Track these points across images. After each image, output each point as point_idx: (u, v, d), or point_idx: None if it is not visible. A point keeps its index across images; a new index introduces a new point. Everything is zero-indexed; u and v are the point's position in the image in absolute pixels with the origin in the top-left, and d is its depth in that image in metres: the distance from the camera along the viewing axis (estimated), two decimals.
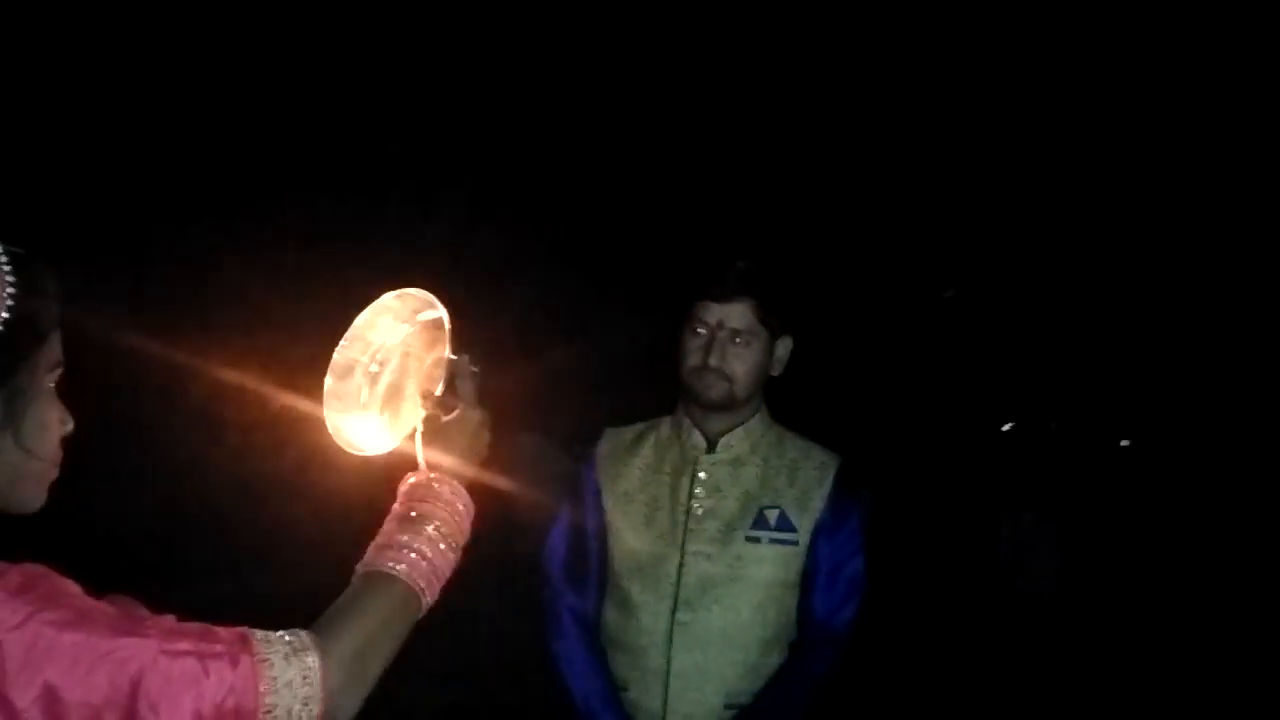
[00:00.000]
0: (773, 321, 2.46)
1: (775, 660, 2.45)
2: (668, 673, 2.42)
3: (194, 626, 1.26)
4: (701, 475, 2.50)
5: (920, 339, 7.15)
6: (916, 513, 5.77)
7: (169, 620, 1.26)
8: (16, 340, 1.20)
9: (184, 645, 1.22)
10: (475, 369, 1.63)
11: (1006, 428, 8.02)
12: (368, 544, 1.48)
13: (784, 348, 2.52)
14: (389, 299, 1.67)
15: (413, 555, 1.44)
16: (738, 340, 2.43)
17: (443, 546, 1.47)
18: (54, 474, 1.32)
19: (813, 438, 2.60)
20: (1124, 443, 8.17)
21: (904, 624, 4.94)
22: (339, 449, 1.65)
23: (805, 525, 2.46)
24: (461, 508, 1.53)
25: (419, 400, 1.61)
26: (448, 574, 1.49)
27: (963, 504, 6.83)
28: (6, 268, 1.20)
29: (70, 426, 1.34)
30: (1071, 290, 7.49)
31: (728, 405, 2.47)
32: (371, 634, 1.36)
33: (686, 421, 2.53)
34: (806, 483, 2.50)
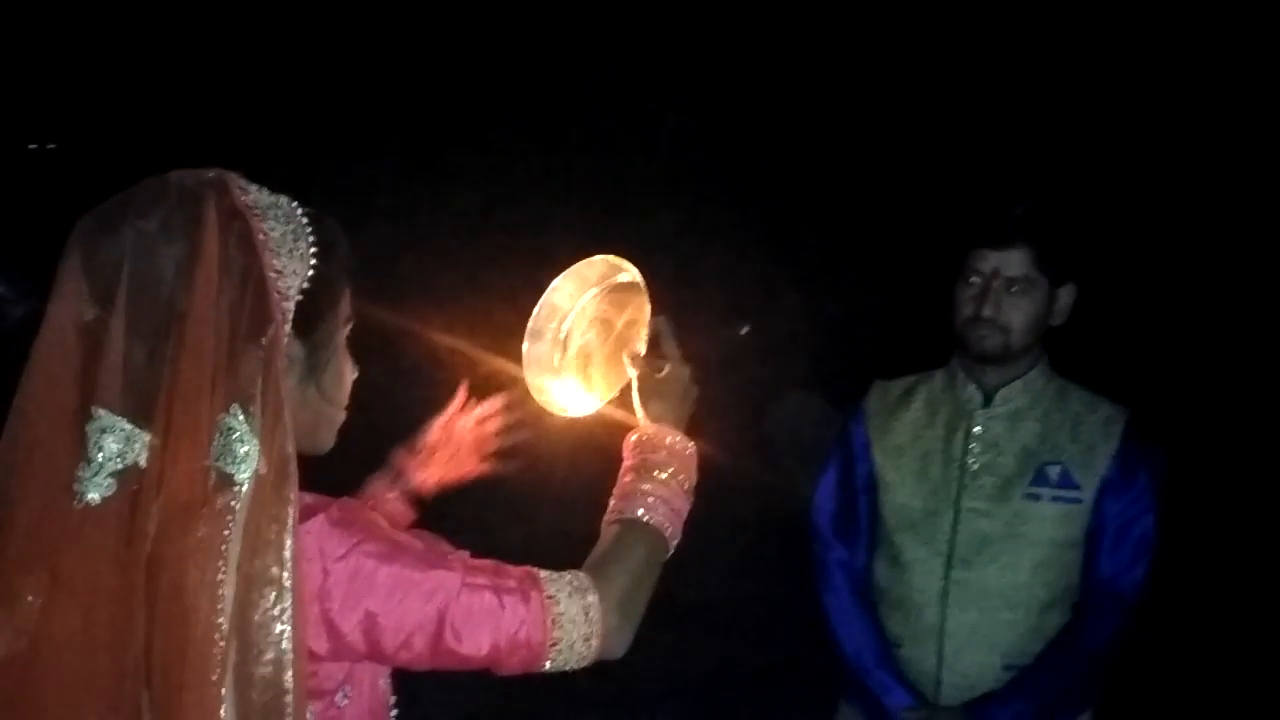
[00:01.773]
0: (1053, 269, 2.32)
1: (1057, 621, 2.35)
2: (942, 631, 2.35)
3: (487, 563, 1.37)
4: (977, 430, 2.40)
5: (1218, 285, 6.66)
6: (1214, 471, 5.40)
7: (466, 555, 1.37)
8: (318, 297, 1.28)
9: (482, 580, 1.33)
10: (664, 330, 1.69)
11: None
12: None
13: (1066, 296, 2.38)
14: (577, 265, 1.77)
15: (656, 501, 1.54)
16: (1014, 289, 2.31)
17: (679, 490, 1.57)
18: (343, 418, 1.41)
19: (1099, 390, 2.46)
20: None
21: (1198, 588, 4.65)
22: (545, 410, 1.75)
23: (1090, 482, 2.34)
24: (688, 454, 1.62)
25: (621, 362, 1.69)
26: (685, 515, 1.58)
27: (1265, 462, 6.35)
28: (308, 229, 1.27)
29: (357, 374, 1.42)
30: None
31: (1004, 357, 2.36)
32: (635, 575, 1.46)
33: (961, 374, 2.44)
34: (1092, 438, 2.37)
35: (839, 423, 2.65)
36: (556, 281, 1.78)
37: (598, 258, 1.76)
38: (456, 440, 1.81)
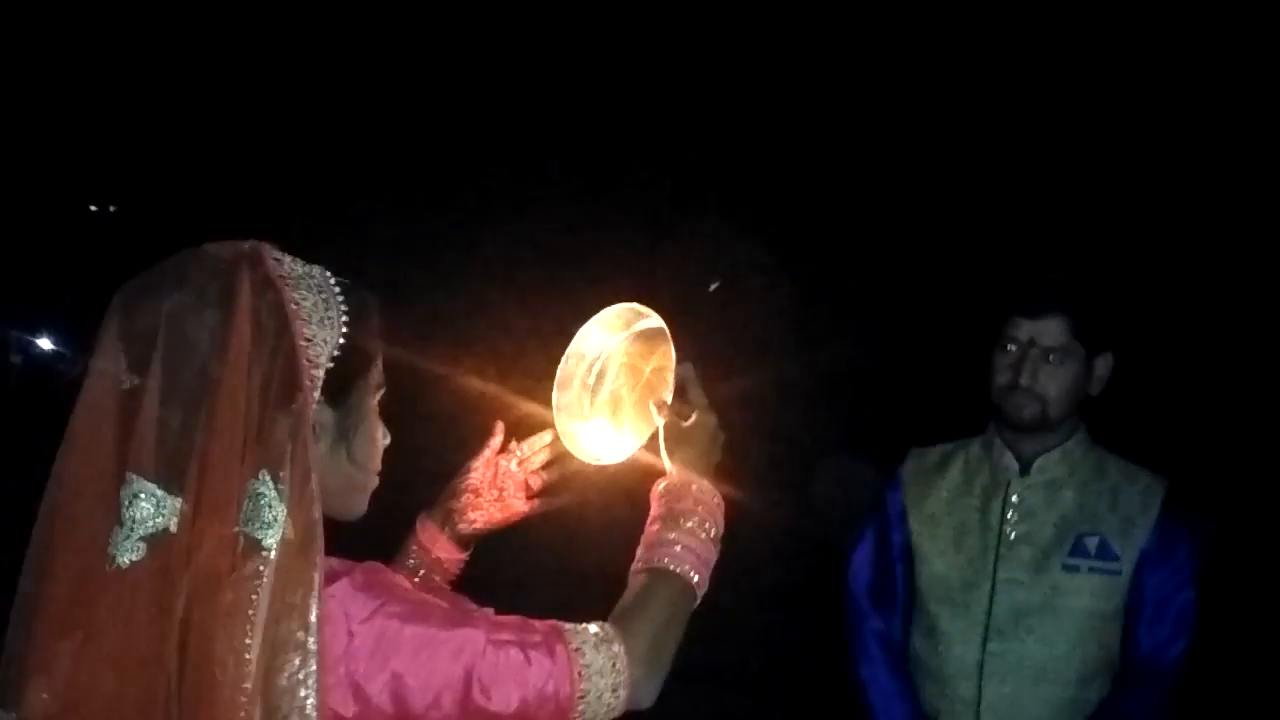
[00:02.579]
0: (1090, 338, 2.32)
1: (1095, 696, 2.31)
2: (978, 703, 2.32)
3: (512, 619, 1.38)
4: (1014, 499, 2.39)
5: (1267, 349, 6.54)
6: (1258, 542, 5.28)
7: (490, 613, 1.38)
8: (351, 364, 1.31)
9: (507, 636, 1.34)
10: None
11: None
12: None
13: (1103, 365, 2.37)
14: (604, 313, 1.77)
15: (683, 550, 1.53)
16: (1051, 358, 2.30)
17: (706, 539, 1.56)
18: (376, 483, 1.43)
19: (1139, 460, 2.44)
20: None
21: (1242, 664, 4.53)
22: (576, 457, 1.75)
23: (1129, 554, 2.31)
24: (715, 503, 1.61)
25: (649, 408, 1.68)
26: (713, 564, 1.57)
27: None
28: (339, 297, 1.30)
29: (389, 440, 1.44)
30: None
31: (1041, 426, 2.35)
32: (662, 625, 1.46)
33: (998, 442, 2.43)
34: (1130, 508, 2.34)
35: (877, 489, 2.64)
36: (583, 329, 1.79)
37: (622, 305, 1.76)
38: (501, 481, 1.80)
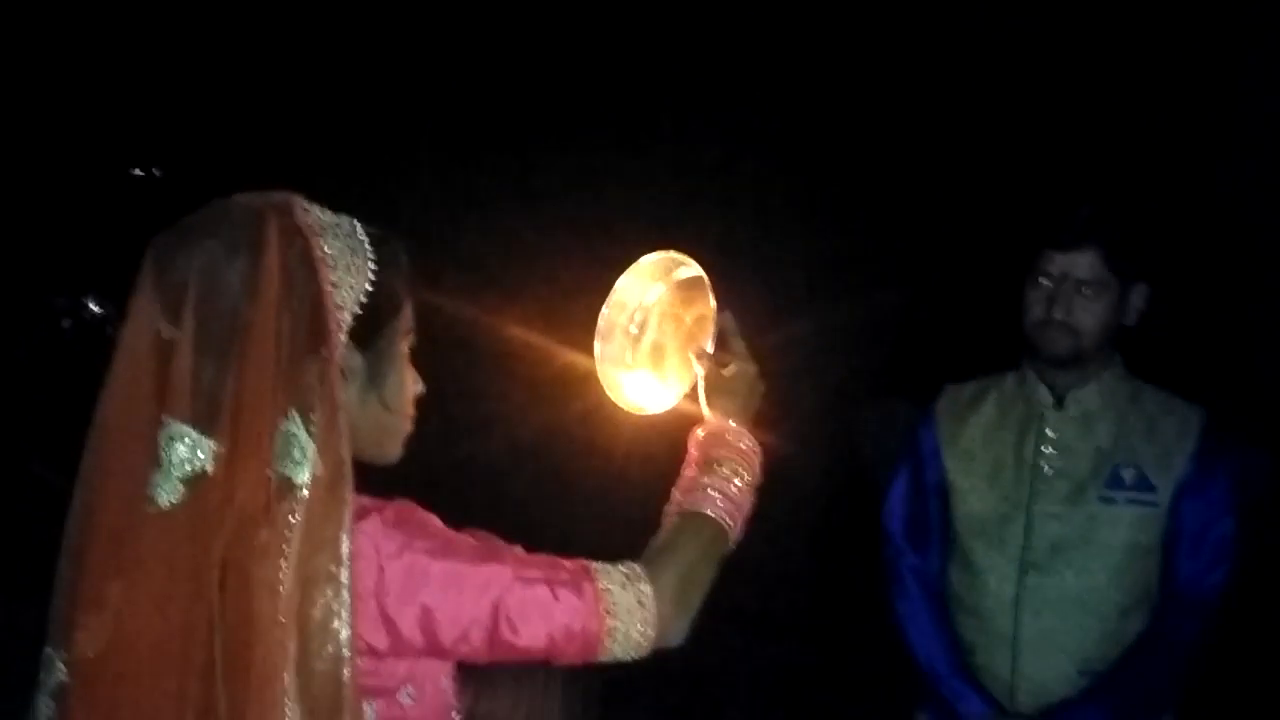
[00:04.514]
0: (1124, 269, 2.30)
1: (1134, 627, 2.32)
2: (1016, 638, 2.34)
3: (542, 557, 1.41)
4: (1049, 433, 2.38)
5: None
6: None
7: (520, 550, 1.41)
8: (378, 310, 1.34)
9: (535, 573, 1.37)
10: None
11: None
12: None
13: (1139, 296, 2.35)
14: (643, 261, 1.78)
15: (716, 495, 1.55)
16: (1084, 291, 2.28)
17: (741, 486, 1.58)
18: (409, 429, 1.46)
19: (1178, 391, 2.42)
20: None
21: None
22: (618, 408, 1.76)
23: (1166, 485, 2.30)
24: (751, 451, 1.62)
25: (689, 357, 1.70)
26: (748, 511, 1.59)
27: None
28: (368, 246, 1.33)
29: (422, 388, 1.47)
30: None
31: (1075, 360, 2.33)
32: (691, 566, 1.48)
33: (1031, 376, 2.42)
34: (1167, 439, 2.33)
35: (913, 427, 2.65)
36: (623, 278, 1.80)
37: (661, 253, 1.76)
38: None
